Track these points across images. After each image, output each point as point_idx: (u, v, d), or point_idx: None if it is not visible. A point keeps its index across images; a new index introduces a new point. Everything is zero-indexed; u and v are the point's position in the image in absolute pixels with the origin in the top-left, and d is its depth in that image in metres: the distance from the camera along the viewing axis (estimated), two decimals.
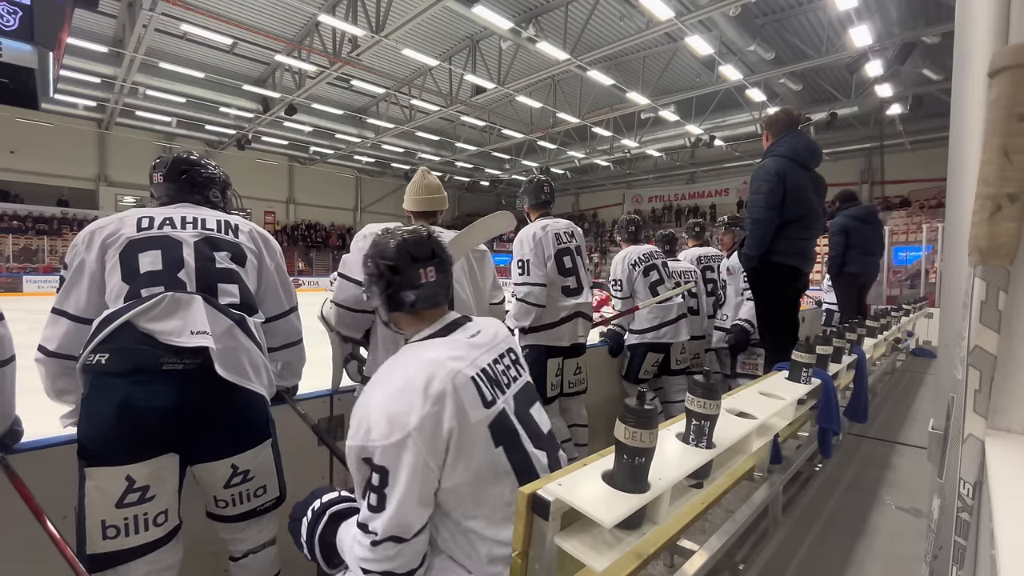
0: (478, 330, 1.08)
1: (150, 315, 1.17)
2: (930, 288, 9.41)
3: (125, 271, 1.25)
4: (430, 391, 0.88)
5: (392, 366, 0.97)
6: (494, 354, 1.06)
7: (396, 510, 0.84)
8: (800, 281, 2.78)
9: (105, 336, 1.14)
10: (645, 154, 19.76)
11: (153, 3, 9.93)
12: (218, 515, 1.36)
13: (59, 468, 1.28)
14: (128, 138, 19.61)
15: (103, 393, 1.14)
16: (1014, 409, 0.62)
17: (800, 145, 2.63)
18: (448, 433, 0.88)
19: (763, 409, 1.49)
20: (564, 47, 10.72)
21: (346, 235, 26.08)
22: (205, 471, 1.30)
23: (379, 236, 1.13)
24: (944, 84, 11.11)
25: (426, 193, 1.93)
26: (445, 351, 0.97)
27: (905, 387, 4.27)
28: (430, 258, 1.07)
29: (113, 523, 1.14)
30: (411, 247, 1.06)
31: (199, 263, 1.31)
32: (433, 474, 0.88)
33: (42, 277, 17.15)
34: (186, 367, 1.18)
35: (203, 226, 1.38)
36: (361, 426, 0.89)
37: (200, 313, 1.22)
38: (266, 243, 1.52)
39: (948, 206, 0.94)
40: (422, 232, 1.10)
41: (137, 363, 1.15)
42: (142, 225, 1.32)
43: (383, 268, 1.06)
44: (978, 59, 0.77)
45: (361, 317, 1.75)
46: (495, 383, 1.00)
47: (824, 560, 1.67)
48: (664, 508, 1.00)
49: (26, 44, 1.50)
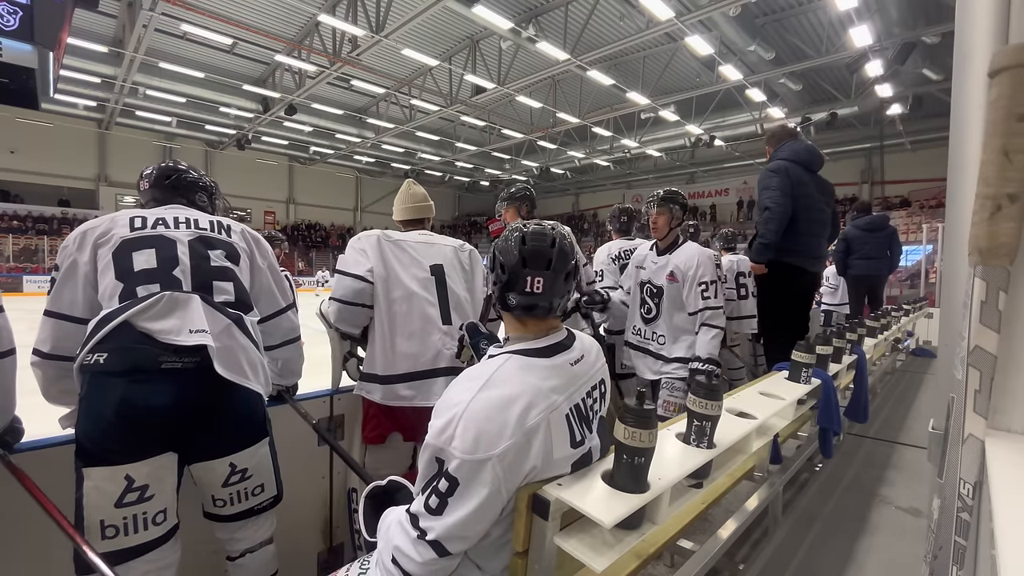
0: (581, 355, 1.02)
1: (148, 314, 1.17)
2: (930, 288, 9.41)
3: (119, 270, 1.25)
4: (525, 423, 0.85)
5: (496, 374, 0.91)
6: (588, 386, 1.01)
7: (455, 522, 0.82)
8: (807, 280, 2.82)
9: (103, 335, 1.14)
10: (645, 154, 19.76)
11: (153, 3, 9.93)
12: (216, 514, 1.36)
13: (59, 468, 1.28)
14: (128, 138, 19.61)
15: (102, 392, 1.14)
16: (1014, 409, 0.62)
17: (800, 148, 2.74)
18: (531, 469, 0.87)
19: (763, 409, 1.49)
20: (564, 47, 10.72)
21: (346, 235, 26.07)
22: (204, 470, 1.29)
23: (512, 225, 1.04)
24: (944, 84, 11.10)
25: (412, 202, 1.98)
26: (548, 379, 0.92)
27: (905, 387, 4.27)
28: (544, 268, 0.96)
29: (112, 523, 1.13)
30: (527, 251, 0.97)
31: (194, 261, 1.32)
32: (501, 500, 0.85)
33: (42, 277, 17.14)
34: (185, 365, 1.18)
35: (196, 226, 1.39)
36: (447, 428, 0.85)
37: (198, 312, 1.23)
38: (257, 243, 1.54)
39: (948, 206, 0.94)
40: (547, 238, 0.99)
41: (136, 362, 1.14)
42: (135, 225, 1.32)
43: (497, 263, 1.01)
44: (978, 59, 0.77)
45: (358, 311, 1.76)
46: (584, 420, 0.98)
47: (824, 560, 1.67)
48: (664, 508, 1.00)
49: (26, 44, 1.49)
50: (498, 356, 0.97)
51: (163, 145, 21.02)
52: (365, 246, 1.79)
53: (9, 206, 18.78)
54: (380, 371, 1.74)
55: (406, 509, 0.90)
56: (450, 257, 1.90)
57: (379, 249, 1.79)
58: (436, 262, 1.85)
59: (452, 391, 0.91)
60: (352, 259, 1.78)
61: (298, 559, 1.74)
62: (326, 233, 26.16)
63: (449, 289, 1.84)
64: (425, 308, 1.77)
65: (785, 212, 2.58)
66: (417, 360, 1.73)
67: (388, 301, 1.76)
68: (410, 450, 1.88)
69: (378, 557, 0.92)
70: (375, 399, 1.73)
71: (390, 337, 1.75)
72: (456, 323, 1.81)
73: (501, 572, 0.94)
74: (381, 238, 1.82)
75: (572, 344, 1.02)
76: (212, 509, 1.35)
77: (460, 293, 1.86)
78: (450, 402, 0.88)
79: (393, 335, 1.75)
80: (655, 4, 8.61)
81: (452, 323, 1.80)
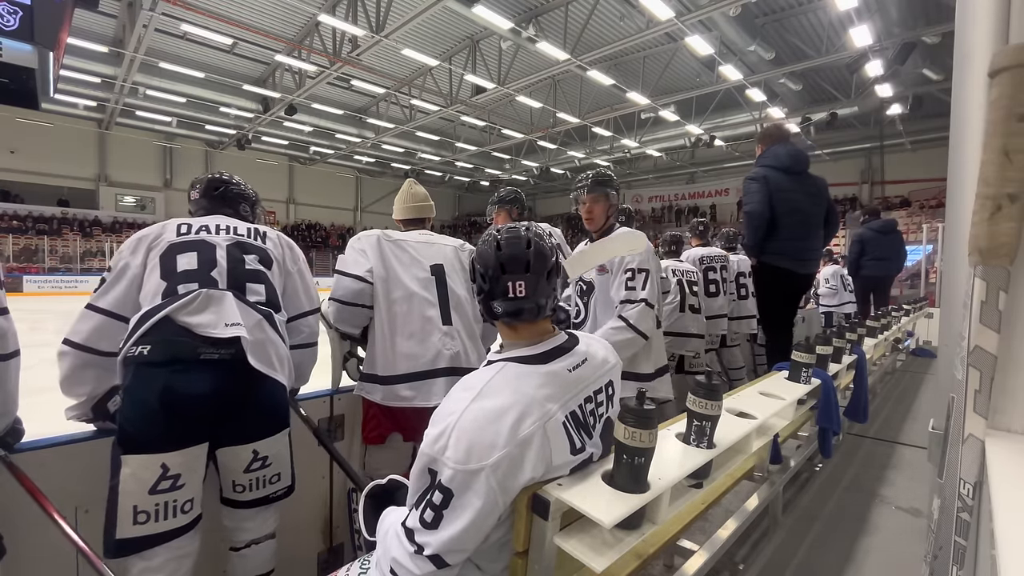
0: (584, 359, 1.00)
1: (187, 310, 1.29)
2: (930, 288, 9.42)
3: (164, 270, 1.38)
4: (519, 433, 0.84)
5: (489, 384, 0.90)
6: (591, 390, 0.99)
7: (451, 536, 0.81)
8: (794, 283, 2.92)
9: (146, 329, 1.25)
10: (645, 154, 19.76)
11: (153, 3, 9.94)
12: (234, 500, 1.41)
13: (59, 468, 1.29)
14: (128, 138, 19.60)
15: (145, 382, 1.22)
16: (1014, 409, 0.62)
17: (782, 152, 2.83)
18: (528, 480, 0.86)
19: (763, 409, 1.49)
20: (564, 47, 10.72)
21: (346, 235, 26.06)
22: (229, 455, 1.36)
23: (486, 234, 1.02)
24: (944, 84, 11.10)
25: (413, 202, 1.98)
26: (542, 387, 0.91)
27: (905, 387, 4.27)
28: (523, 270, 0.95)
29: (144, 509, 1.21)
30: (504, 256, 0.96)
31: (230, 264, 1.45)
32: (498, 509, 0.84)
33: (42, 277, 17.16)
34: (221, 357, 1.28)
35: (235, 232, 1.54)
36: (441, 438, 0.84)
37: (232, 307, 1.35)
38: (290, 249, 1.68)
39: (948, 206, 0.94)
40: (521, 241, 0.97)
41: (176, 353, 1.24)
42: (181, 231, 1.47)
43: (477, 273, 0.99)
44: (978, 59, 0.77)
45: (357, 311, 1.76)
46: (583, 427, 0.96)
47: (824, 560, 1.67)
48: (664, 508, 1.00)
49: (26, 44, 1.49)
50: (494, 363, 0.96)
51: (163, 145, 21.02)
52: (365, 246, 1.79)
53: (9, 206, 18.78)
54: (380, 371, 1.74)
55: (401, 522, 0.89)
56: (450, 257, 1.90)
57: (379, 249, 1.79)
58: (436, 262, 1.85)
59: (448, 400, 0.91)
60: (352, 259, 1.78)
61: (298, 559, 1.74)
62: (326, 233, 26.15)
63: (449, 289, 1.83)
64: (425, 308, 1.77)
65: (762, 216, 2.74)
66: (417, 360, 1.73)
67: (388, 301, 1.76)
68: (410, 450, 1.88)
69: (377, 561, 0.92)
70: (375, 399, 1.73)
71: (390, 337, 1.74)
72: (456, 323, 1.81)
73: (501, 572, 0.93)
74: (381, 238, 1.81)
75: (573, 348, 1.01)
76: (231, 495, 1.40)
77: (460, 293, 1.86)
78: (445, 411, 0.88)
79: (393, 335, 1.75)
80: (655, 4, 8.61)
81: (452, 323, 1.80)
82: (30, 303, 13.19)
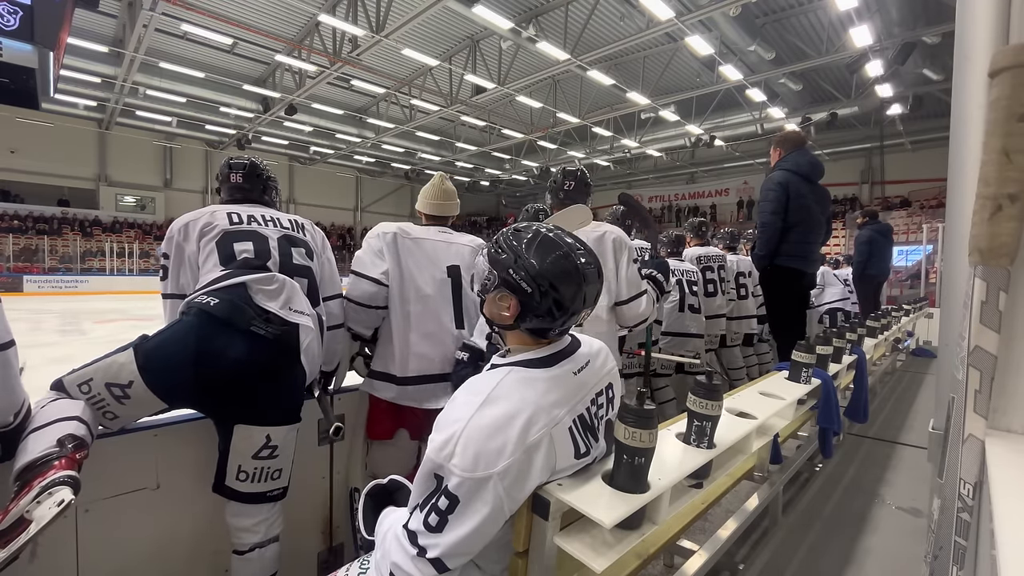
0: (587, 361, 0.99)
1: (261, 285, 1.40)
2: (930, 288, 9.42)
3: (222, 256, 1.46)
4: (526, 440, 0.83)
5: (496, 389, 0.88)
6: (594, 392, 0.99)
7: (456, 540, 0.81)
8: (804, 281, 3.09)
9: (221, 286, 1.36)
10: (645, 154, 19.74)
11: (153, 3, 9.92)
12: (234, 489, 1.39)
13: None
14: (128, 138, 19.59)
15: (195, 327, 1.30)
16: (1014, 409, 0.62)
17: (804, 161, 2.96)
18: (535, 486, 0.86)
19: (763, 409, 1.49)
20: (564, 47, 10.71)
21: (346, 235, 26.08)
22: (244, 433, 1.38)
23: (548, 235, 0.95)
24: (944, 84, 11.09)
25: (442, 199, 1.92)
26: (549, 392, 0.89)
27: (905, 387, 4.27)
28: (581, 302, 0.93)
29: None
30: (576, 276, 0.91)
31: (282, 257, 1.53)
32: (504, 516, 0.84)
33: (42, 277, 17.14)
34: (267, 334, 1.36)
35: (280, 224, 1.61)
36: (447, 445, 0.83)
37: (301, 296, 1.47)
38: (322, 237, 1.76)
39: (948, 206, 0.94)
40: (595, 268, 0.94)
41: (232, 316, 1.32)
42: (233, 220, 1.54)
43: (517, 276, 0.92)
44: (978, 59, 0.77)
45: (372, 312, 1.75)
46: (590, 430, 0.96)
47: (824, 560, 1.67)
48: (664, 508, 1.00)
49: (26, 44, 1.50)
50: (500, 368, 0.94)
51: (163, 145, 21.00)
52: (382, 245, 1.76)
53: (9, 206, 18.77)
54: (393, 371, 1.73)
55: (403, 525, 0.88)
56: (467, 258, 1.87)
57: (395, 248, 1.76)
58: (453, 263, 1.83)
59: (453, 405, 0.89)
60: (369, 260, 1.76)
61: (298, 559, 1.74)
62: (326, 233, 26.12)
63: (464, 292, 1.82)
64: (439, 311, 1.76)
65: (775, 227, 2.89)
66: (431, 363, 1.73)
67: (403, 302, 1.75)
68: (415, 449, 1.87)
69: (376, 563, 0.92)
70: (386, 398, 1.73)
71: (404, 336, 1.74)
72: (468, 327, 1.80)
73: (501, 572, 0.93)
74: (399, 235, 1.78)
75: (576, 350, 0.99)
76: (233, 482, 1.39)
77: (474, 296, 1.83)
78: (451, 418, 0.86)
79: (407, 336, 1.74)
80: (655, 4, 8.60)
81: (464, 327, 1.79)
82: (30, 303, 13.17)
